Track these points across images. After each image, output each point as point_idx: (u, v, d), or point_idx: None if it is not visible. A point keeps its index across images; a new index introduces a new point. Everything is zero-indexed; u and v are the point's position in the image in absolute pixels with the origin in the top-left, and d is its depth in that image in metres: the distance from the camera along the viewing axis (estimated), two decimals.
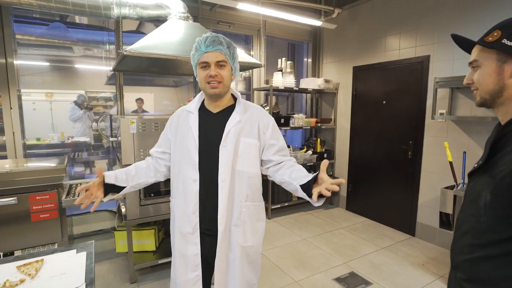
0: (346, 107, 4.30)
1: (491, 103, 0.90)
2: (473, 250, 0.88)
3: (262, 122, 1.38)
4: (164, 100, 5.28)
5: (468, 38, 0.92)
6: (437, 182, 3.20)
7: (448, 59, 3.04)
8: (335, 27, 4.13)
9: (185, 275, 1.37)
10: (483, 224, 0.85)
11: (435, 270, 2.76)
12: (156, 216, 2.50)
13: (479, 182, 0.90)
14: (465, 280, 0.90)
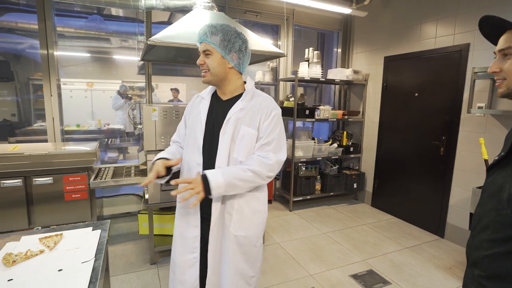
0: (375, 99, 4.11)
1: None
2: (493, 246, 0.84)
3: (264, 112, 1.36)
4: (195, 90, 5.41)
5: (506, 20, 0.83)
6: (471, 182, 2.97)
7: (490, 47, 2.77)
8: (366, 14, 3.93)
9: (184, 256, 1.42)
10: (505, 217, 0.81)
11: (462, 275, 2.58)
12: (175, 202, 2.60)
13: (501, 175, 0.86)
14: (483, 277, 0.87)
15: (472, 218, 0.99)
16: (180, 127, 1.56)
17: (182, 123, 1.55)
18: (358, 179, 4.23)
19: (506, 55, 0.84)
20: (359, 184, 4.24)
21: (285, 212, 3.92)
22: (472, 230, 0.97)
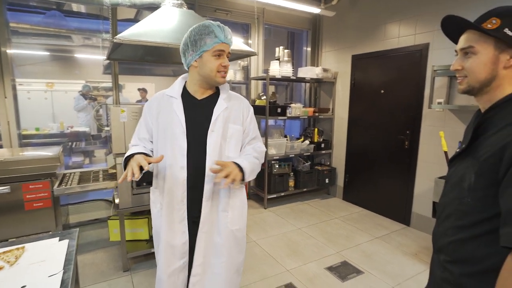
0: (344, 96, 4.25)
1: (478, 91, 0.90)
2: (457, 232, 0.90)
3: (245, 109, 1.46)
4: (163, 89, 5.26)
5: (469, 21, 0.88)
6: (432, 172, 3.17)
7: (447, 47, 2.97)
8: (334, 14, 4.04)
9: (174, 264, 1.38)
10: (466, 205, 0.87)
11: (427, 259, 2.74)
12: (149, 205, 2.52)
13: (462, 166, 0.92)
14: (449, 262, 0.93)
15: (436, 207, 1.06)
16: (141, 130, 1.44)
17: (143, 125, 1.43)
18: (329, 175, 4.36)
19: (467, 53, 0.89)
20: (330, 179, 4.37)
21: (260, 210, 3.94)
22: (437, 219, 1.03)
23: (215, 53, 1.25)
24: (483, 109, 0.93)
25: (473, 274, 0.85)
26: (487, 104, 0.90)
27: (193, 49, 1.27)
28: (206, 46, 1.24)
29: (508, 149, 0.75)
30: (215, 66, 1.27)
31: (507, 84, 0.85)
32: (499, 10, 0.86)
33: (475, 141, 0.89)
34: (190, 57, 1.30)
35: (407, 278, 2.49)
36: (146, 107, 1.44)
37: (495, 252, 0.80)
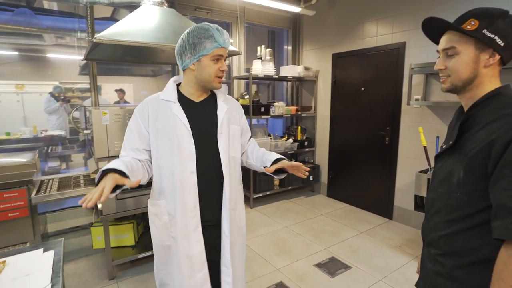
0: (325, 94, 4.32)
1: (460, 89, 0.94)
2: (448, 226, 0.93)
3: (239, 110, 1.49)
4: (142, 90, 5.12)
5: (450, 22, 0.91)
6: (413, 167, 3.29)
7: (423, 45, 3.08)
8: (314, 13, 4.09)
9: (195, 277, 1.31)
10: (456, 200, 0.91)
11: (411, 251, 2.86)
12: (134, 210, 2.45)
13: (449, 162, 0.96)
14: (440, 255, 0.96)
15: (425, 202, 1.10)
16: (133, 140, 1.30)
17: (135, 133, 1.30)
18: (313, 172, 4.42)
19: (449, 54, 0.92)
20: (314, 176, 4.43)
21: (246, 210, 3.93)
22: (426, 213, 1.06)
23: (214, 57, 1.23)
24: (465, 106, 0.97)
25: (465, 266, 0.89)
26: (469, 101, 0.94)
27: (191, 52, 1.23)
28: (206, 50, 1.21)
29: (495, 145, 0.79)
30: (214, 70, 1.24)
31: (487, 82, 0.90)
32: (476, 12, 0.89)
33: (461, 137, 0.93)
34: (188, 60, 1.25)
35: (393, 270, 2.57)
36: (138, 112, 1.33)
37: (486, 244, 0.84)
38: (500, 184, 0.78)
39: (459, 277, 0.90)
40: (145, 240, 2.76)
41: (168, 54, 3.42)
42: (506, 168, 0.77)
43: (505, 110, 0.83)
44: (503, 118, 0.82)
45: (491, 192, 0.81)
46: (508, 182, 0.76)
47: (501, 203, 0.77)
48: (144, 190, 2.47)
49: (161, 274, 1.40)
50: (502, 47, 0.85)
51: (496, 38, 0.85)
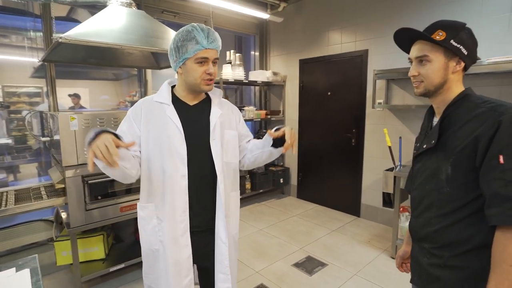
0: (293, 99, 4.45)
1: (433, 93, 1.03)
2: (441, 220, 0.99)
3: (235, 113, 1.45)
4: (101, 95, 4.83)
5: (422, 32, 0.99)
6: (378, 166, 3.51)
7: (384, 53, 3.33)
8: (282, 20, 4.21)
9: (180, 283, 1.27)
10: (446, 195, 0.97)
11: (379, 245, 3.05)
12: (106, 220, 2.30)
13: (432, 160, 1.03)
14: (435, 248, 1.01)
15: (411, 201, 1.15)
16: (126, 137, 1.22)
17: (127, 133, 1.25)
18: (283, 174, 4.51)
19: (421, 61, 1.01)
20: (284, 178, 4.53)
21: None
22: (413, 211, 1.13)
23: (198, 60, 1.18)
24: (437, 108, 1.07)
25: (462, 254, 0.95)
26: (441, 103, 1.03)
27: (176, 56, 1.20)
28: (188, 53, 1.18)
29: (480, 141, 0.88)
30: (199, 74, 1.20)
31: (454, 86, 1.01)
32: (442, 23, 0.98)
33: (441, 136, 1.00)
34: (175, 64, 1.23)
35: (366, 264, 2.71)
36: (131, 113, 1.29)
37: (479, 231, 0.91)
38: (491, 175, 0.86)
39: (458, 265, 0.96)
40: (117, 252, 2.60)
41: (135, 57, 3.29)
42: (493, 160, 0.85)
43: (479, 109, 0.93)
44: (480, 116, 0.91)
45: (482, 183, 0.88)
46: (499, 172, 0.84)
47: (495, 192, 0.85)
48: (116, 199, 2.33)
49: (149, 279, 1.36)
50: (466, 55, 0.96)
51: (461, 48, 0.96)
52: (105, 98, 4.80)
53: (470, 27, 0.99)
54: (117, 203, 2.34)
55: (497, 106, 0.90)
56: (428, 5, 2.96)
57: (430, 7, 2.96)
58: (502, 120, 0.86)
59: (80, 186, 2.14)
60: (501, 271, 0.84)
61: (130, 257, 2.50)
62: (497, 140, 0.86)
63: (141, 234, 1.33)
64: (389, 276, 2.51)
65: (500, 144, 0.86)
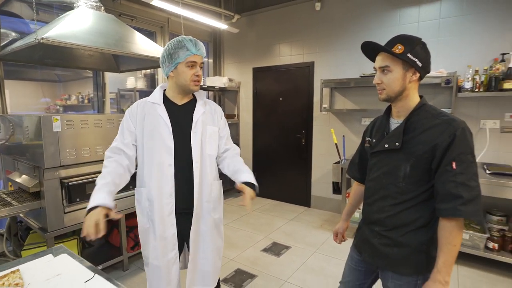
0: (248, 104, 4.81)
1: (394, 99, 1.18)
2: (393, 208, 1.18)
3: (218, 112, 1.65)
4: (43, 97, 4.45)
5: (380, 45, 1.14)
6: (324, 162, 4.08)
7: (328, 65, 3.93)
8: (238, 31, 4.54)
9: (167, 256, 1.48)
10: (401, 188, 1.16)
11: (330, 228, 3.57)
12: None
13: (392, 159, 1.18)
14: (385, 231, 1.21)
15: (365, 191, 1.34)
16: (124, 135, 1.49)
17: (125, 130, 1.49)
18: None
19: (384, 71, 1.14)
20: None
21: None
22: (367, 199, 1.31)
23: (188, 64, 1.42)
24: (397, 112, 1.21)
25: (407, 233, 1.16)
26: (401, 108, 1.18)
27: (169, 61, 1.44)
28: (180, 58, 1.41)
29: (438, 149, 1.06)
30: (189, 75, 1.44)
31: (412, 94, 1.16)
32: (401, 38, 1.11)
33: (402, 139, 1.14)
34: (167, 68, 1.46)
35: (322, 243, 3.19)
36: (128, 113, 1.51)
37: (420, 216, 1.14)
38: (445, 177, 1.04)
39: (403, 242, 1.16)
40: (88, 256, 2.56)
41: (95, 59, 3.25)
42: (448, 166, 1.04)
43: (436, 120, 1.10)
44: (437, 127, 1.09)
45: (437, 183, 1.07)
46: (451, 175, 1.03)
47: (447, 191, 1.04)
48: None
49: (144, 252, 1.56)
50: (420, 67, 1.10)
51: (417, 60, 1.09)
52: (46, 100, 4.46)
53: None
54: None
55: (450, 120, 1.08)
56: (364, 28, 3.64)
57: (366, 30, 3.63)
58: (456, 134, 1.04)
59: (59, 188, 2.12)
60: (447, 250, 1.05)
61: (103, 260, 2.51)
62: (452, 150, 1.04)
63: (137, 214, 1.56)
64: (341, 250, 3.01)
65: (454, 153, 1.04)
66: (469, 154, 1.06)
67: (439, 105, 3.19)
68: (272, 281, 2.52)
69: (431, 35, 3.23)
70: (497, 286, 2.44)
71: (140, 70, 4.11)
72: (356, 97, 3.77)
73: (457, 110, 3.12)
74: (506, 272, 2.61)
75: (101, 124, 2.30)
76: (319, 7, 3.88)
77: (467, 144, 1.06)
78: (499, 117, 2.98)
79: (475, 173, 1.06)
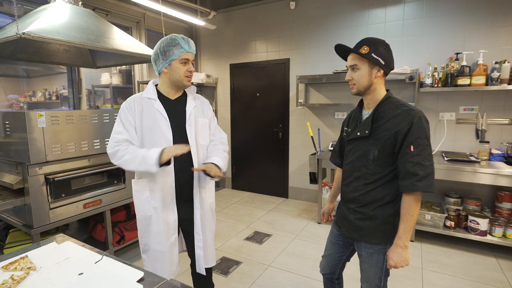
0: (225, 99, 4.90)
1: (363, 93, 1.36)
2: (365, 187, 1.36)
3: (207, 105, 1.78)
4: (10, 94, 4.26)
5: (349, 47, 1.33)
6: (301, 154, 4.29)
7: (303, 62, 4.13)
8: (215, 28, 4.60)
9: (169, 240, 1.59)
10: (372, 170, 1.34)
11: (307, 216, 3.79)
12: (69, 218, 2.30)
13: (363, 144, 1.36)
14: (360, 207, 1.39)
15: (343, 173, 1.51)
16: (127, 127, 1.55)
17: (126, 123, 1.55)
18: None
19: (354, 69, 1.32)
20: None
21: None
22: (344, 180, 1.49)
23: (182, 60, 1.53)
24: (367, 104, 1.39)
25: (377, 208, 1.35)
26: (370, 101, 1.36)
27: (163, 58, 1.52)
28: (174, 55, 1.51)
29: (399, 135, 1.24)
30: (183, 71, 1.54)
31: (379, 88, 1.34)
32: (367, 40, 1.28)
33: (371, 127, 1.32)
34: (161, 65, 1.54)
35: (300, 230, 3.39)
36: (126, 107, 1.57)
37: (388, 193, 1.33)
38: (405, 159, 1.23)
39: (374, 215, 1.35)
40: None
41: (71, 54, 3.20)
42: (407, 149, 1.23)
43: (398, 110, 1.28)
44: (399, 116, 1.27)
45: (399, 164, 1.25)
46: (410, 157, 1.22)
47: (407, 170, 1.22)
48: (80, 195, 2.35)
49: (144, 240, 1.64)
50: (383, 65, 1.28)
51: (380, 59, 1.26)
52: (13, 97, 4.28)
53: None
54: (80, 200, 2.36)
55: (409, 110, 1.26)
56: (337, 27, 3.86)
57: (338, 29, 3.86)
58: (413, 122, 1.22)
59: (44, 184, 2.12)
60: (406, 220, 1.26)
61: None
62: (410, 135, 1.23)
63: (136, 204, 1.63)
64: (319, 235, 3.23)
65: (412, 138, 1.22)
66: (424, 139, 1.24)
67: (404, 99, 3.49)
68: (256, 266, 2.68)
69: (396, 34, 3.52)
70: (453, 258, 2.77)
71: (119, 66, 4.06)
72: (330, 92, 4.01)
73: (420, 103, 3.44)
74: (460, 246, 2.97)
75: (85, 120, 2.30)
76: (293, 6, 4.05)
77: (423, 130, 1.24)
78: (454, 110, 3.33)
79: (430, 154, 1.25)
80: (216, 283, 2.00)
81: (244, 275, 2.53)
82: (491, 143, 3.08)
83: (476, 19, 3.14)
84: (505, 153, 2.97)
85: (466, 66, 3.01)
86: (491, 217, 2.94)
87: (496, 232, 2.82)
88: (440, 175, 2.84)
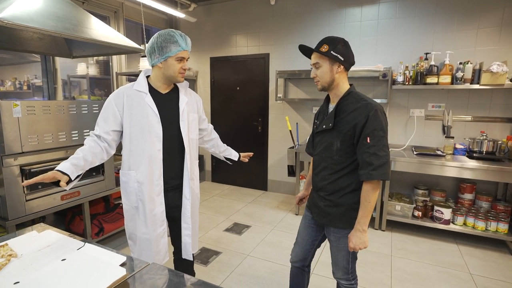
0: (205, 92, 4.91)
1: (328, 88, 1.45)
2: (332, 177, 1.46)
3: (197, 100, 1.81)
4: None
5: (311, 47, 1.41)
6: (279, 147, 4.40)
7: (282, 57, 4.21)
8: (196, 20, 4.57)
9: (156, 230, 1.62)
10: (336, 160, 1.44)
11: (285, 208, 3.92)
12: (46, 210, 2.27)
13: (328, 137, 1.45)
14: (328, 194, 1.49)
15: (313, 163, 1.62)
16: (109, 123, 1.53)
17: (111, 117, 1.53)
18: (199, 162, 4.92)
19: (316, 66, 1.41)
20: (200, 166, 4.95)
21: None
22: (314, 170, 1.58)
23: (178, 58, 1.53)
24: (332, 98, 1.48)
25: (343, 195, 1.45)
26: (334, 95, 1.46)
27: (159, 53, 1.52)
28: (171, 52, 1.51)
29: (357, 127, 1.33)
30: (177, 68, 1.55)
31: (341, 82, 1.42)
32: (326, 39, 1.37)
33: (334, 120, 1.42)
34: (156, 59, 1.54)
35: (279, 221, 3.51)
36: (113, 99, 1.55)
37: (352, 182, 1.42)
38: (362, 149, 1.33)
39: (340, 202, 1.46)
40: None
41: (46, 43, 3.10)
42: (364, 140, 1.32)
43: (358, 104, 1.36)
44: (358, 109, 1.35)
45: (358, 154, 1.35)
46: (366, 148, 1.31)
47: (364, 160, 1.32)
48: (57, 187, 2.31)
49: (129, 227, 1.67)
50: (343, 61, 1.36)
51: (339, 56, 1.35)
52: None
53: (348, 41, 1.42)
54: (58, 192, 2.33)
55: (367, 103, 1.34)
56: (315, 24, 3.96)
57: (316, 26, 3.96)
58: (369, 115, 1.31)
59: (19, 175, 2.07)
60: (364, 206, 1.36)
61: None
62: (367, 127, 1.32)
63: (122, 195, 1.66)
64: (296, 226, 3.35)
65: (368, 130, 1.31)
66: (380, 130, 1.32)
67: (377, 96, 3.67)
68: (235, 256, 2.76)
69: (371, 33, 3.68)
70: (420, 245, 2.99)
71: (96, 57, 3.97)
72: (308, 88, 4.12)
73: (392, 100, 3.63)
74: (427, 234, 3.19)
75: (63, 111, 2.27)
76: (273, 2, 4.11)
77: (379, 122, 1.32)
78: (424, 107, 3.55)
79: (385, 145, 1.33)
80: (196, 273, 2.06)
81: (224, 265, 2.61)
82: (455, 138, 3.31)
83: (443, 22, 3.34)
84: (467, 148, 3.21)
85: (434, 66, 3.21)
86: (454, 207, 3.18)
87: (458, 220, 3.06)
88: (410, 168, 3.03)
